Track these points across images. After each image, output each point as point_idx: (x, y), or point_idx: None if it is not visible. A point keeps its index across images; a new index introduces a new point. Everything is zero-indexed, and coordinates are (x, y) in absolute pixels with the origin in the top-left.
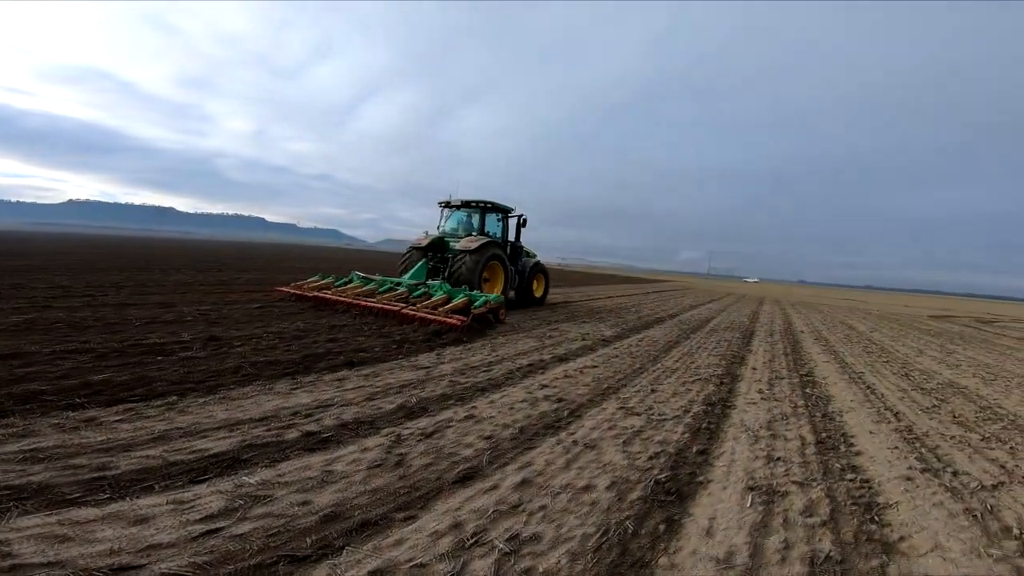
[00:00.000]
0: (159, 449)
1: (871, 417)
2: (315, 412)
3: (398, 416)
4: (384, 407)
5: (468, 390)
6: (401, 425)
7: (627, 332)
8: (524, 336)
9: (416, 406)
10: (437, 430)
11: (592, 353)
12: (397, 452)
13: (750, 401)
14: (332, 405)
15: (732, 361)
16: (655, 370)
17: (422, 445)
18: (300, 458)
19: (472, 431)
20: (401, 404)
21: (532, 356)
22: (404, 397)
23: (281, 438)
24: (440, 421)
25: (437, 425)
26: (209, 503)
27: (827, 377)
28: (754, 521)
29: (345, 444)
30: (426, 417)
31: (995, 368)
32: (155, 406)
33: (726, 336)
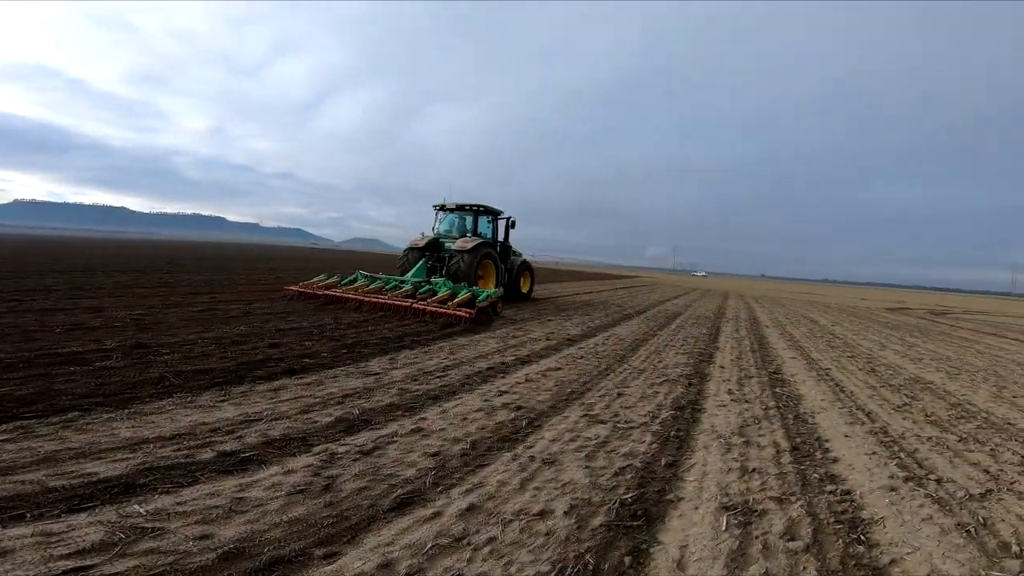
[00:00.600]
0: (41, 473)
1: (844, 418)
2: (238, 428)
3: (335, 431)
4: (320, 420)
5: (419, 398)
6: (337, 441)
7: (594, 330)
8: (486, 337)
9: (358, 419)
10: (378, 447)
11: (556, 354)
12: (327, 474)
13: (720, 403)
14: (260, 419)
15: (700, 359)
16: (622, 371)
17: (358, 465)
18: (209, 482)
19: (418, 447)
20: (341, 417)
21: (493, 359)
22: (346, 408)
23: (191, 459)
24: (383, 436)
25: (378, 441)
26: (84, 536)
27: (795, 375)
28: (731, 548)
29: (267, 465)
30: (367, 431)
31: (957, 362)
32: (51, 423)
33: (693, 332)
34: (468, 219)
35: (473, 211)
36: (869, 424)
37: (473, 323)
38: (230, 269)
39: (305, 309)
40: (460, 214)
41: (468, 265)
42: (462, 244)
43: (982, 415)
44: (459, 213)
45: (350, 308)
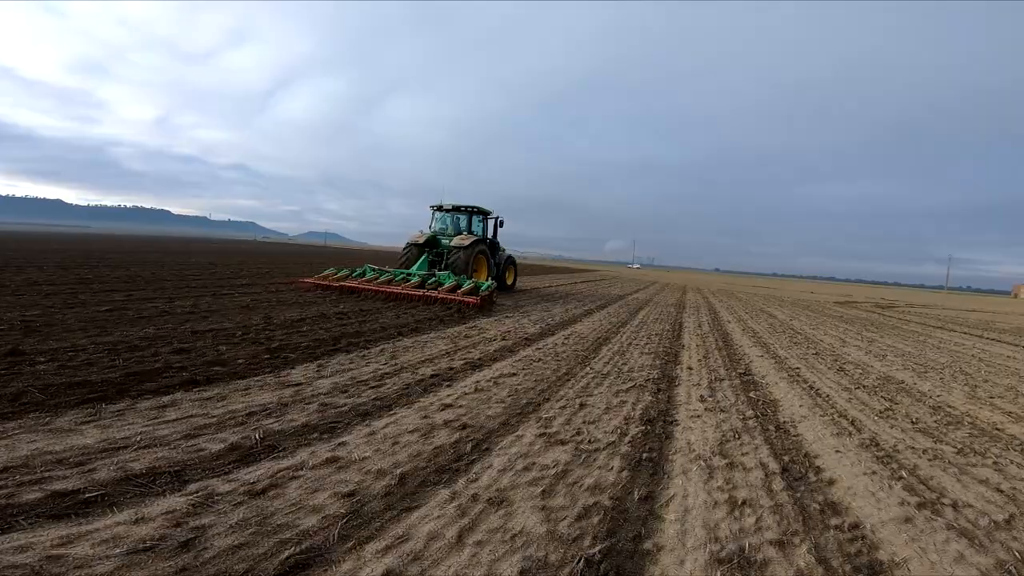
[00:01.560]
0: None
1: (828, 428)
2: (93, 458)
3: (224, 462)
4: (208, 448)
5: (344, 415)
6: (223, 476)
7: (553, 328)
8: (435, 338)
9: (259, 445)
10: (275, 484)
11: (512, 356)
12: (194, 524)
13: (693, 413)
14: (127, 447)
15: (666, 360)
16: (584, 376)
17: (241, 511)
18: (24, 532)
19: (328, 483)
20: (236, 443)
21: (440, 363)
22: (246, 431)
23: (10, 501)
24: (285, 469)
25: (278, 475)
26: None
27: (766, 376)
28: None
29: (116, 509)
30: (268, 462)
31: (920, 358)
32: None
33: (656, 330)
34: (462, 219)
35: (467, 211)
36: (857, 435)
37: (479, 309)
38: (163, 263)
39: (232, 306)
40: (455, 214)
41: (465, 259)
42: (459, 241)
43: (967, 420)
44: (454, 213)
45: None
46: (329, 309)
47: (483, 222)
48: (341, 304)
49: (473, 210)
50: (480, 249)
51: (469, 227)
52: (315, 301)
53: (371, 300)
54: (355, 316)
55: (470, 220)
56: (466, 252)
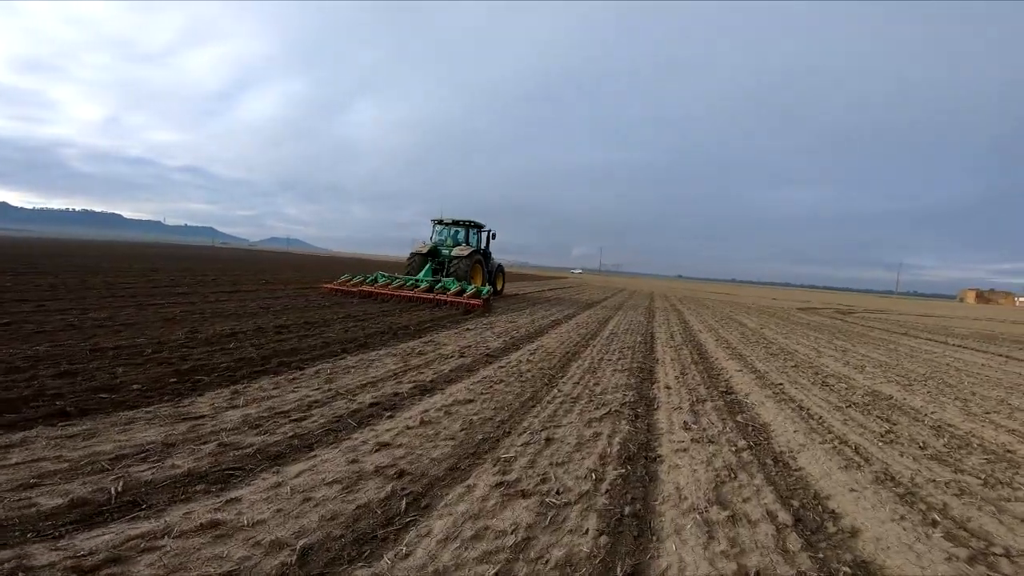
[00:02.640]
0: None
1: (833, 459)
2: None
3: (58, 523)
4: (42, 503)
5: (247, 459)
6: (48, 543)
7: (518, 341)
8: (384, 356)
9: (114, 500)
10: (115, 558)
11: (470, 377)
12: None
13: (679, 445)
14: None
15: (642, 378)
16: (551, 400)
17: None
18: None
19: (195, 561)
20: (82, 497)
21: (384, 387)
22: (103, 482)
23: None
24: (139, 536)
25: (125, 546)
26: None
27: (749, 394)
28: None
29: None
30: (119, 524)
31: (898, 369)
32: None
33: (628, 342)
34: (460, 231)
35: (464, 225)
36: (867, 467)
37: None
38: (100, 270)
39: (155, 319)
40: (454, 227)
41: (465, 268)
42: (459, 251)
43: (975, 442)
44: (453, 227)
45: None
46: (269, 321)
47: (477, 234)
48: (286, 316)
49: (469, 224)
50: (477, 259)
51: (466, 239)
52: (256, 312)
53: (322, 309)
54: (297, 329)
55: (467, 232)
56: (466, 261)
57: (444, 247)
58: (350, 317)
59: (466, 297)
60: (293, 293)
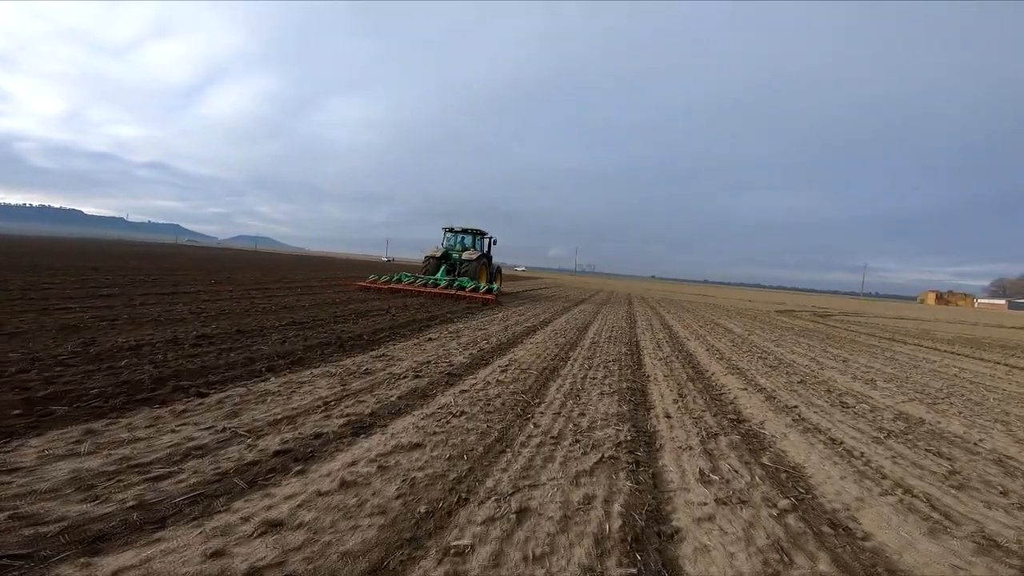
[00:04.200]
0: None
1: (907, 519)
2: None
3: None
4: None
5: (36, 542)
6: None
7: (487, 354)
8: (318, 376)
9: None
10: None
11: (422, 407)
12: None
13: (701, 511)
14: None
15: (635, 403)
16: (525, 442)
17: None
18: None
19: None
20: None
21: (305, 425)
22: None
23: None
24: None
25: None
26: None
27: (765, 422)
28: None
29: None
30: None
31: (911, 383)
32: None
33: (612, 353)
34: (467, 238)
35: (471, 232)
36: (956, 528)
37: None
38: (32, 267)
39: (51, 326)
40: (462, 234)
41: (474, 269)
42: (469, 255)
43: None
44: (461, 233)
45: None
46: (192, 330)
47: (481, 240)
48: (217, 323)
49: (475, 232)
50: (483, 261)
51: (474, 244)
52: (182, 318)
53: (266, 314)
54: (222, 340)
55: (473, 239)
56: (474, 264)
57: (454, 251)
58: (294, 324)
59: (480, 294)
60: (239, 295)
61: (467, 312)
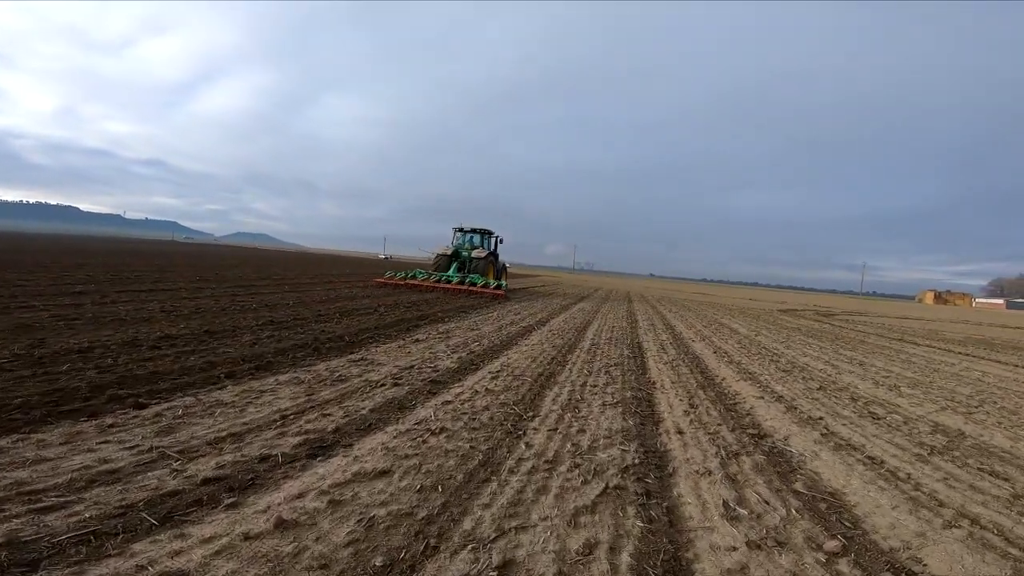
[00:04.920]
0: None
1: (993, 563)
2: None
3: None
4: None
5: None
6: None
7: (477, 358)
8: (285, 384)
9: None
10: None
11: (397, 422)
12: None
13: (730, 559)
14: None
15: (641, 415)
16: (514, 468)
17: None
18: None
19: None
20: None
21: (252, 444)
22: None
23: None
24: None
25: None
26: None
27: (789, 437)
28: None
29: None
30: None
31: (937, 389)
32: None
33: (614, 357)
34: (476, 237)
35: (479, 232)
36: None
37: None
38: (17, 265)
39: (4, 326)
40: (471, 233)
41: (483, 265)
42: (478, 253)
43: None
44: (471, 233)
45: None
46: (156, 330)
47: (489, 239)
48: (187, 323)
49: (483, 231)
50: (490, 259)
51: (482, 243)
52: (150, 317)
53: (243, 313)
54: (185, 342)
55: (482, 238)
56: (484, 261)
57: (463, 249)
58: (272, 323)
59: (491, 289)
60: (221, 292)
61: (460, 311)
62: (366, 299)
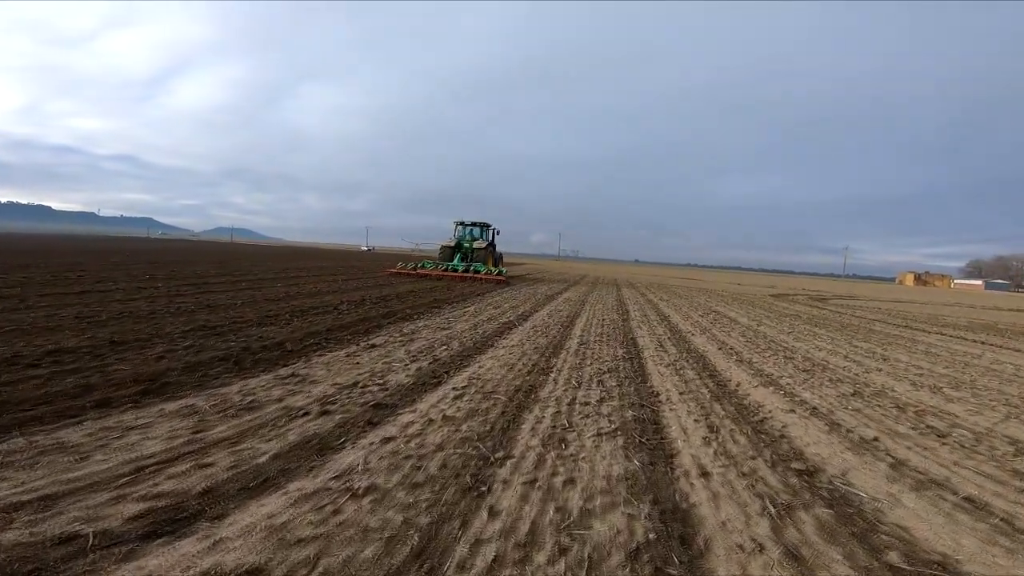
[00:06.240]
0: None
1: None
2: None
3: None
4: None
5: None
6: None
7: (441, 368)
8: (171, 416)
9: None
10: None
11: (305, 475)
12: None
13: None
14: None
15: (648, 450)
16: (464, 562)
17: None
18: None
19: None
20: None
21: (62, 519)
22: None
23: None
24: None
25: None
26: None
27: (847, 472)
28: None
29: None
30: None
31: (978, 386)
32: None
33: (606, 358)
34: (475, 230)
35: (478, 225)
36: None
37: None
38: None
39: None
40: (471, 226)
41: (484, 255)
42: (479, 245)
43: None
44: (471, 226)
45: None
46: (47, 343)
47: (487, 231)
48: (90, 334)
49: (482, 224)
50: (489, 250)
51: (481, 235)
52: (57, 326)
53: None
54: (80, 358)
55: (481, 230)
56: (484, 251)
57: (464, 241)
58: (202, 328)
59: (494, 276)
60: (165, 292)
61: (432, 305)
62: (330, 295)
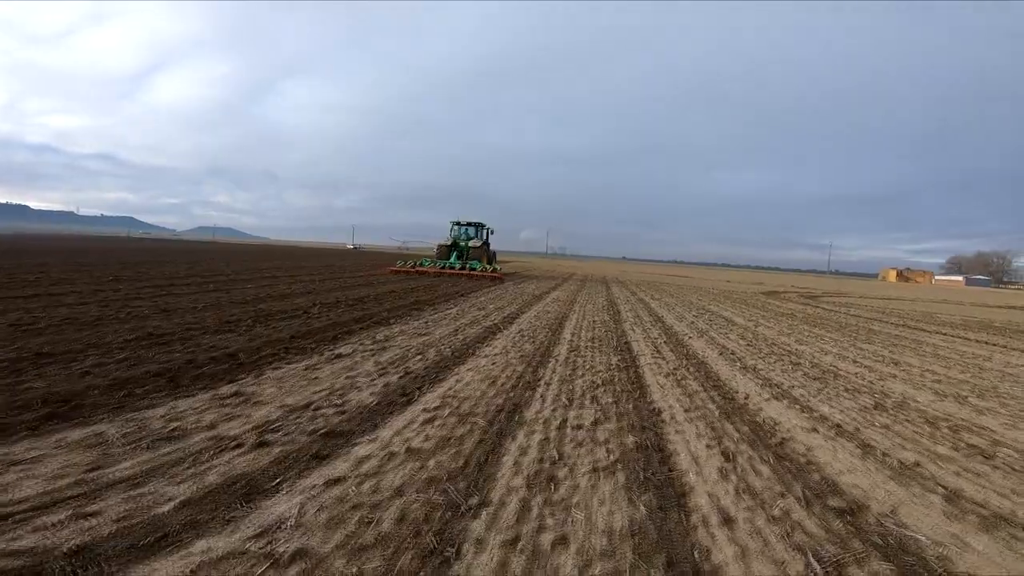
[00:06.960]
0: None
1: None
2: None
3: None
4: None
5: None
6: None
7: (412, 383)
8: (62, 452)
9: None
10: None
11: (220, 531)
12: None
13: None
14: None
15: (655, 488)
16: None
17: None
18: None
19: None
20: None
21: None
22: None
23: None
24: None
25: None
26: None
27: (897, 508)
28: None
29: None
30: None
31: (1002, 393)
32: None
33: (599, 367)
34: (471, 229)
35: (475, 225)
36: None
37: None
38: None
39: None
40: (467, 226)
41: (479, 254)
42: (474, 244)
43: None
44: (466, 226)
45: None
46: None
47: (482, 230)
48: (18, 344)
49: (477, 224)
50: (484, 248)
51: (477, 234)
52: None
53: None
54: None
55: (476, 230)
56: (479, 250)
57: (460, 240)
58: (149, 337)
59: (490, 272)
60: (123, 295)
61: (413, 307)
62: (302, 296)
